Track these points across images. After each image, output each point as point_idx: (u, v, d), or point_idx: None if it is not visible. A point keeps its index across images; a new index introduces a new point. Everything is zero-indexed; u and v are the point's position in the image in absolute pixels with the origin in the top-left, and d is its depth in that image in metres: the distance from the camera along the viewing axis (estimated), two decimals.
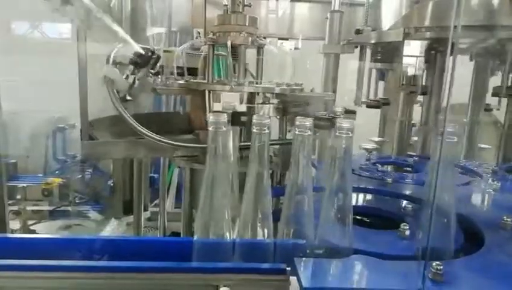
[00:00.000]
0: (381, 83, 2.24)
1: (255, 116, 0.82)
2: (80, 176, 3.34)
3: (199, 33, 1.63)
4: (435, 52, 1.93)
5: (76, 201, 3.13)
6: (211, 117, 0.78)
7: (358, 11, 2.86)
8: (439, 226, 0.83)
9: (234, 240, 0.85)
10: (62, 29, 4.79)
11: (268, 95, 1.32)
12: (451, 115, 0.70)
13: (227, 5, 1.40)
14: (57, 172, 3.53)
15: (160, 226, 1.97)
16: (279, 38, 2.73)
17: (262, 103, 1.31)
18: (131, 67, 1.21)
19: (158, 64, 1.25)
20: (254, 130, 0.82)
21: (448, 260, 0.80)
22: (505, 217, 1.01)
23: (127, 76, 1.18)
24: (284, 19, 3.01)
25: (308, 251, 0.84)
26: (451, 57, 0.68)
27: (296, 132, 0.83)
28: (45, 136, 3.83)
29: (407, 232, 0.98)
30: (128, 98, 1.17)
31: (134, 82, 1.16)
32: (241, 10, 1.40)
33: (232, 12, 1.39)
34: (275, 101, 1.37)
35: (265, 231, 0.84)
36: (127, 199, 2.58)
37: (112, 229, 2.40)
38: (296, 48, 3.08)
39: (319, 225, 0.85)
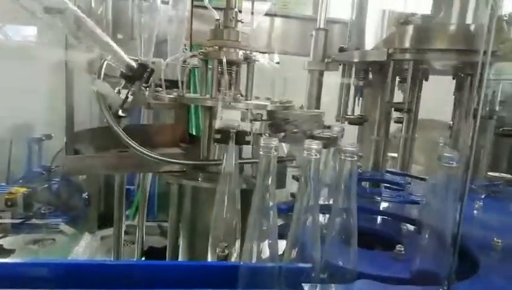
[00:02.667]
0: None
1: (263, 139, 0.82)
2: (46, 185, 3.19)
3: (185, 45, 1.61)
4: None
5: (42, 211, 2.98)
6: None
7: (335, 28, 2.93)
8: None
9: (238, 263, 0.84)
10: (27, 32, 4.59)
11: (260, 111, 1.32)
12: None
13: (219, 20, 1.39)
14: (20, 181, 3.35)
15: (138, 240, 1.91)
16: (261, 52, 2.74)
17: (254, 120, 1.30)
18: (122, 81, 1.17)
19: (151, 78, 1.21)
20: (261, 153, 0.82)
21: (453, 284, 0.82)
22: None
23: (119, 91, 1.14)
24: (260, 33, 3.02)
25: (313, 275, 0.83)
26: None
27: (304, 154, 0.83)
28: (8, 143, 3.63)
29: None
30: (121, 114, 1.12)
31: (127, 97, 1.12)
32: (233, 26, 1.39)
33: (224, 27, 1.38)
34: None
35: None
36: (100, 212, 2.48)
37: (86, 243, 2.30)
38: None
39: (324, 248, 0.85)
